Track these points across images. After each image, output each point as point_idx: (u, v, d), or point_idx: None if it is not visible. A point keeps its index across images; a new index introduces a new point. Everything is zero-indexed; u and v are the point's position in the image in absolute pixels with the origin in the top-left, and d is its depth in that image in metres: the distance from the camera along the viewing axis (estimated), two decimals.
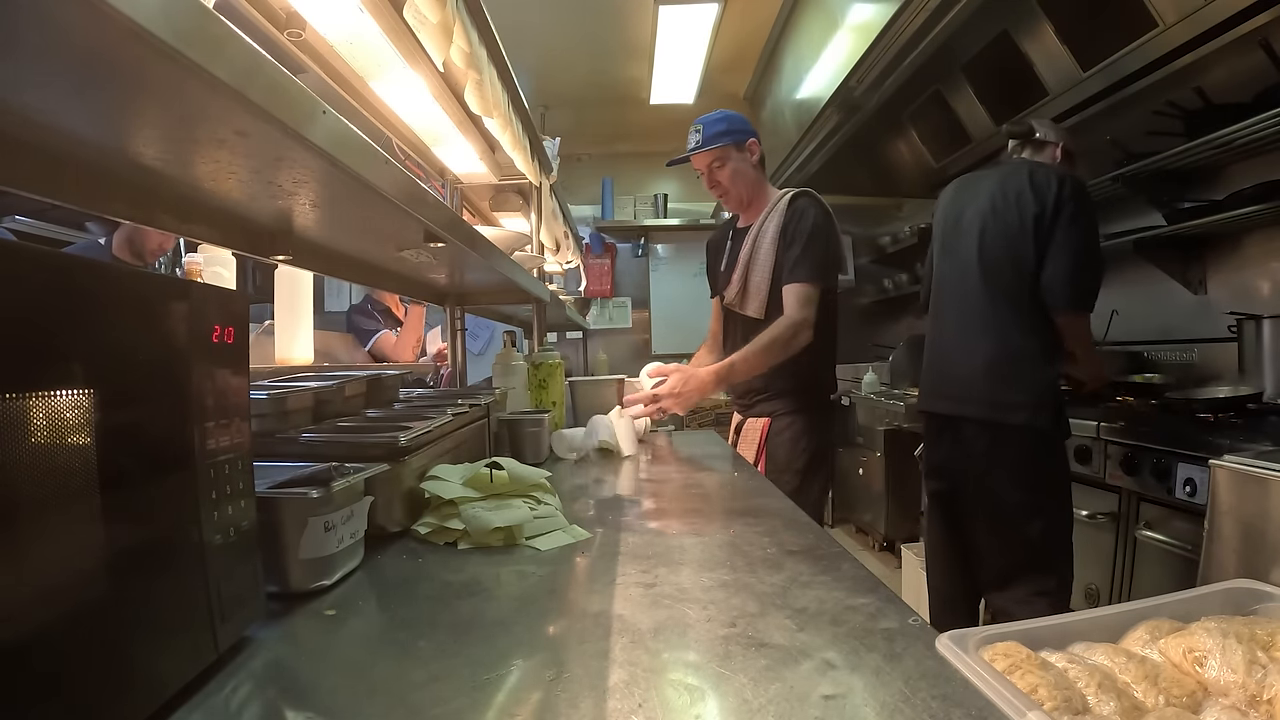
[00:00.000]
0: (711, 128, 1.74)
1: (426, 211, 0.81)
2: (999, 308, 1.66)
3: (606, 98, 4.23)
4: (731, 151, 1.74)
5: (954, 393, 1.73)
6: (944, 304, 1.82)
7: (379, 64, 1.18)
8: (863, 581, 0.68)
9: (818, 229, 1.68)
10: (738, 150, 1.75)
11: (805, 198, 1.75)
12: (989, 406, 1.63)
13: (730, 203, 1.83)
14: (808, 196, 1.75)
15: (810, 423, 1.71)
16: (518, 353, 1.70)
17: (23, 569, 0.34)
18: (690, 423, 4.47)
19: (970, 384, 1.68)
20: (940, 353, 1.83)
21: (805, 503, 1.33)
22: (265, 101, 0.46)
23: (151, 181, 0.64)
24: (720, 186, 1.78)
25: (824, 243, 1.69)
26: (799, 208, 1.72)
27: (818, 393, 1.76)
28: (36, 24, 0.34)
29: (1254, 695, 0.46)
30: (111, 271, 0.48)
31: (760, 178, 1.81)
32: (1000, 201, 1.69)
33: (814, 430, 1.71)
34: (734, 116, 1.78)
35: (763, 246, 1.72)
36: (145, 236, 2.09)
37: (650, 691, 0.48)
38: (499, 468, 0.96)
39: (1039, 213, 1.60)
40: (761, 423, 1.75)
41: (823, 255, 1.68)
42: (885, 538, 3.34)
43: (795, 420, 1.71)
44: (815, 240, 1.67)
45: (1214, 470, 1.18)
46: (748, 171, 1.77)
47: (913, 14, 2.11)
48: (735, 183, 1.77)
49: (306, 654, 0.57)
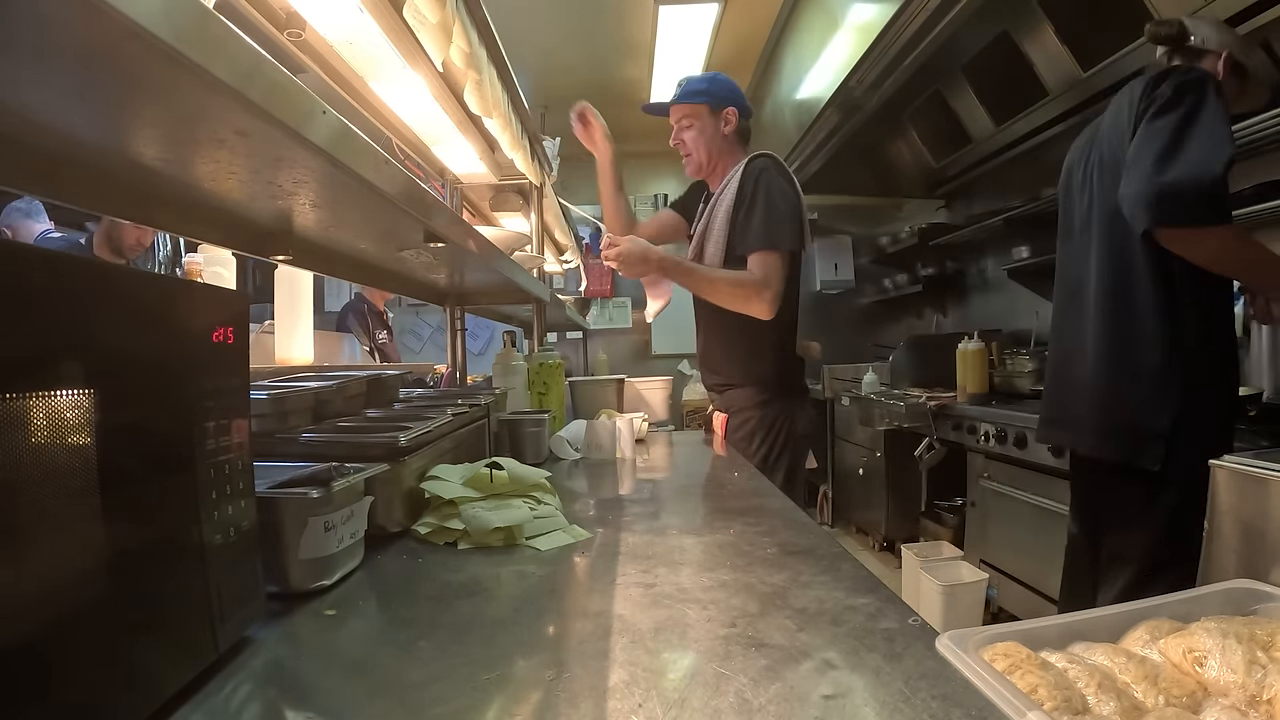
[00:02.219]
0: (692, 85, 1.70)
1: (426, 211, 0.81)
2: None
3: (606, 98, 4.21)
4: (703, 112, 1.68)
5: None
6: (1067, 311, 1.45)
7: (379, 64, 1.17)
8: (863, 581, 0.68)
9: (768, 189, 1.58)
10: (711, 113, 1.68)
11: (760, 159, 1.65)
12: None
13: (690, 166, 1.76)
14: (763, 158, 1.65)
15: (765, 418, 1.65)
16: (518, 353, 1.70)
17: (22, 569, 0.34)
18: (690, 423, 4.48)
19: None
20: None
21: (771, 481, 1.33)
22: (265, 101, 0.46)
23: (151, 181, 0.64)
24: (684, 146, 1.72)
25: (780, 202, 1.57)
26: (752, 169, 1.62)
27: (776, 385, 1.67)
28: (36, 24, 0.34)
29: (1254, 695, 0.46)
30: (111, 271, 0.48)
31: (731, 147, 1.71)
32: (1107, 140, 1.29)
33: (770, 426, 1.64)
34: (721, 80, 1.71)
35: (718, 216, 1.64)
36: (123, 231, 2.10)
37: (650, 691, 0.48)
38: (499, 468, 0.96)
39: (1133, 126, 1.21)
40: (721, 418, 1.73)
41: (776, 215, 1.56)
42: (885, 538, 3.34)
43: (750, 418, 1.66)
44: (769, 201, 1.57)
45: (1214, 470, 1.18)
46: (714, 137, 1.69)
47: (913, 14, 2.11)
48: (698, 145, 1.70)
49: (306, 654, 0.57)
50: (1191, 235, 1.14)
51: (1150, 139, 1.14)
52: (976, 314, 3.72)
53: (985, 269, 3.64)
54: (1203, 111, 1.12)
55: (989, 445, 2.34)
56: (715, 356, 1.75)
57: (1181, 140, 1.11)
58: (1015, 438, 2.19)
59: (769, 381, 1.68)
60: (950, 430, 2.61)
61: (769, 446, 1.65)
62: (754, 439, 1.65)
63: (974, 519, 2.53)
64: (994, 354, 2.69)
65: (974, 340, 2.61)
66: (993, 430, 2.32)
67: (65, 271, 0.38)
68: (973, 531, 2.54)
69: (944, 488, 2.95)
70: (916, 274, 4.02)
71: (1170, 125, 1.13)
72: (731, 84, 1.73)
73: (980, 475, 2.43)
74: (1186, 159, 1.10)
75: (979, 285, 3.73)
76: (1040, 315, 2.98)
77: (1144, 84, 1.22)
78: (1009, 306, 3.38)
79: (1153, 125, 1.15)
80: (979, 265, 3.70)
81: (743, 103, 1.72)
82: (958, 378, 2.64)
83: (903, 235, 4.04)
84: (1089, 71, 2.21)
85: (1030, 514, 2.16)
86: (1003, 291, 3.41)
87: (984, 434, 2.37)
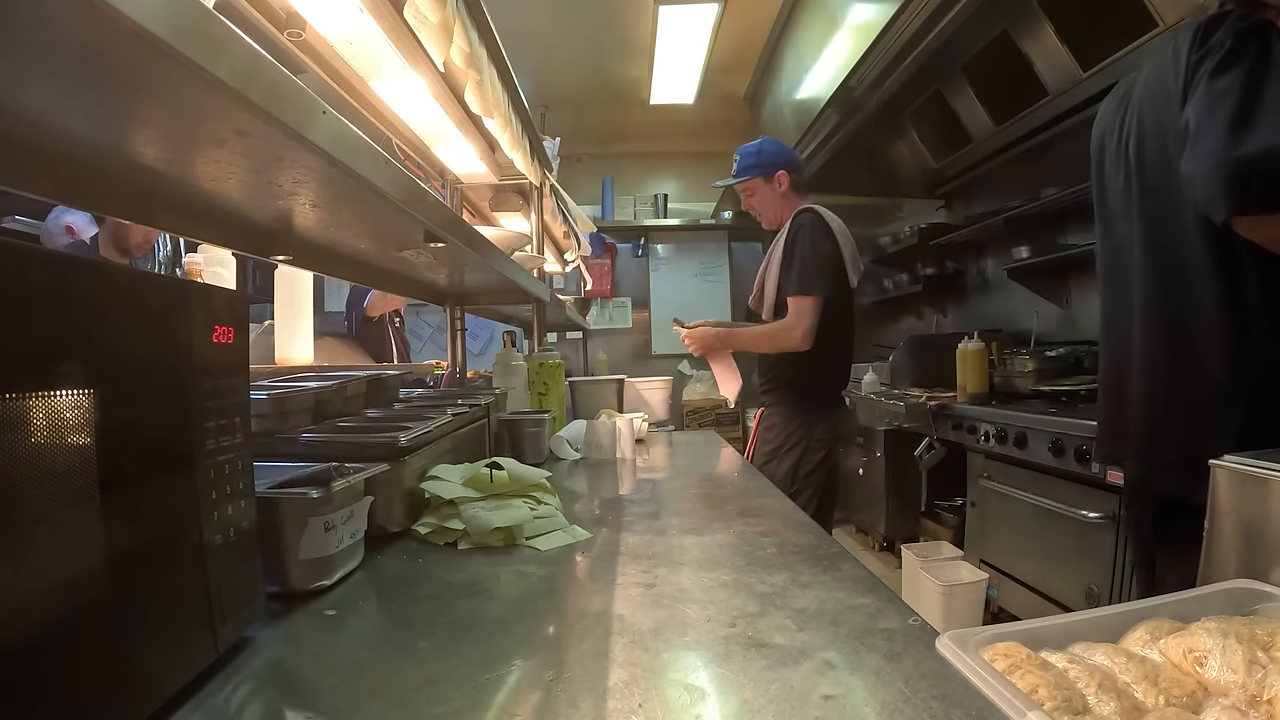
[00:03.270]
0: (744, 160, 2.04)
1: (426, 211, 0.81)
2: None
3: (606, 98, 4.23)
4: (759, 183, 2.03)
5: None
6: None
7: (379, 64, 1.17)
8: (863, 581, 0.68)
9: (803, 242, 1.89)
10: (765, 182, 2.03)
11: (804, 214, 1.95)
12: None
13: (764, 222, 2.11)
14: (806, 213, 1.95)
15: (788, 412, 1.95)
16: (518, 353, 1.70)
17: (23, 569, 0.34)
18: (690, 423, 4.48)
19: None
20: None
21: (774, 476, 1.72)
22: (265, 101, 0.46)
23: (151, 181, 0.64)
24: (754, 209, 2.10)
25: (811, 254, 1.88)
26: (795, 225, 1.93)
27: (801, 387, 1.97)
28: (36, 24, 0.34)
29: (1254, 695, 0.46)
30: (111, 271, 0.48)
31: (789, 202, 2.02)
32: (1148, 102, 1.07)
33: (791, 418, 1.94)
34: (768, 149, 2.04)
35: (774, 261, 1.96)
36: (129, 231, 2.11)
37: (650, 691, 0.48)
38: (499, 468, 0.96)
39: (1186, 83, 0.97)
40: (758, 411, 2.09)
41: (807, 266, 1.87)
42: (885, 538, 3.33)
43: (775, 410, 2.00)
44: (802, 254, 1.88)
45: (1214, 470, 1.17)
46: (774, 199, 2.04)
47: (913, 14, 2.11)
48: (764, 208, 2.07)
49: (306, 654, 0.57)
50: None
51: (1215, 102, 0.91)
52: (976, 314, 3.71)
53: (985, 269, 3.64)
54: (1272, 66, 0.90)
55: (989, 445, 2.34)
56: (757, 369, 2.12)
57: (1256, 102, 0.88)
58: (1015, 438, 2.19)
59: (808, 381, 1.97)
60: (950, 430, 2.61)
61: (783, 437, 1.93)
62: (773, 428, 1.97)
63: (974, 519, 2.53)
64: (994, 354, 2.68)
65: (974, 340, 2.60)
66: (993, 430, 2.32)
67: (65, 271, 0.38)
68: (973, 531, 2.54)
69: (944, 488, 2.95)
70: (916, 274, 4.02)
71: (1237, 83, 0.90)
72: (778, 147, 2.06)
73: (980, 475, 2.43)
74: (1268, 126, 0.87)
75: (979, 285, 3.73)
76: (1040, 315, 2.98)
77: (1192, 32, 0.99)
78: (1009, 306, 3.38)
79: (1215, 84, 0.92)
80: (979, 265, 3.70)
81: (792, 161, 2.05)
82: (958, 378, 2.64)
83: (903, 235, 4.04)
84: (1089, 71, 2.21)
85: (1030, 514, 2.16)
86: (1003, 291, 3.40)
87: (984, 434, 2.37)
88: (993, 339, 2.78)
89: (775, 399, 2.00)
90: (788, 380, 1.97)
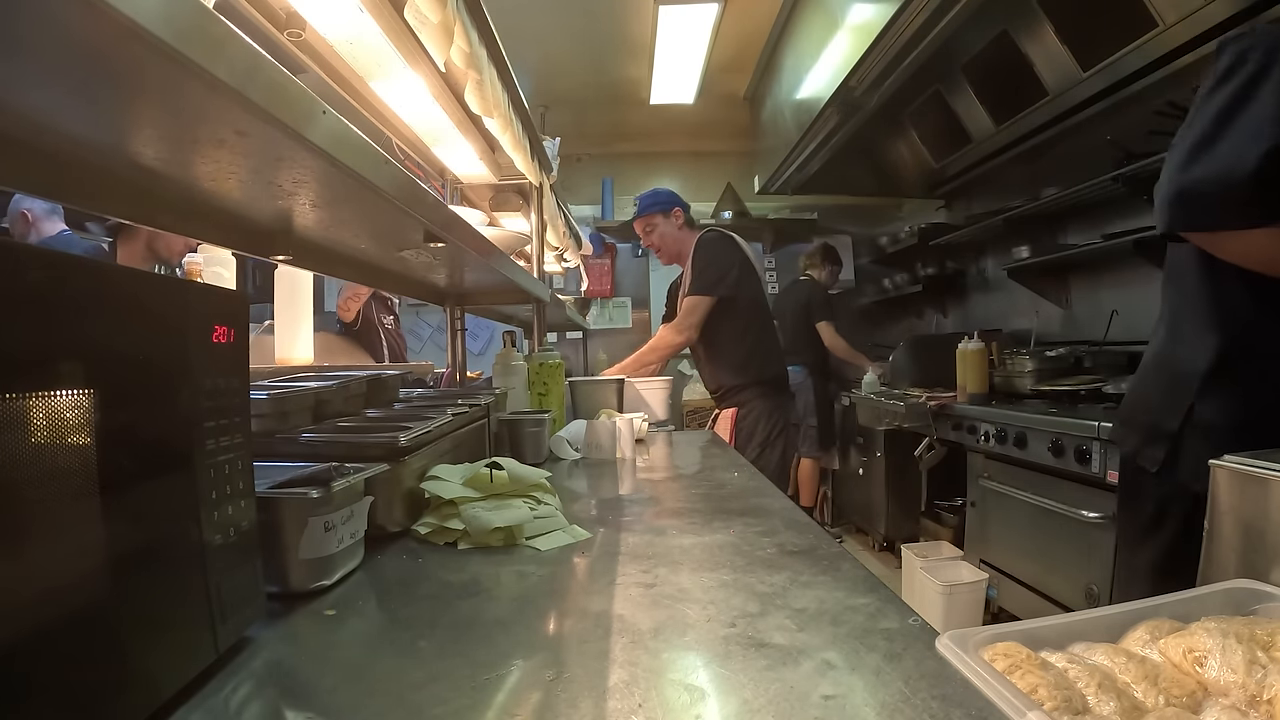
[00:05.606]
0: (645, 200, 2.40)
1: (426, 211, 0.81)
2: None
3: (606, 98, 4.23)
4: (659, 218, 2.37)
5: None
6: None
7: (379, 64, 1.17)
8: (863, 581, 0.68)
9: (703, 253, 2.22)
10: (664, 217, 2.37)
11: (708, 233, 2.30)
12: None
13: (663, 258, 2.43)
14: (710, 231, 2.31)
15: (765, 406, 2.24)
16: (518, 353, 1.70)
17: (22, 569, 0.34)
18: (690, 423, 4.47)
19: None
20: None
21: (766, 467, 1.94)
22: (265, 101, 0.46)
23: (151, 181, 0.64)
24: (654, 246, 2.42)
25: (708, 263, 2.19)
26: (699, 243, 2.27)
27: (770, 382, 2.28)
28: (36, 24, 0.34)
29: (1254, 695, 0.46)
30: (111, 271, 0.48)
31: (685, 234, 2.37)
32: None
33: (770, 412, 2.24)
34: (662, 191, 2.43)
35: (685, 281, 2.29)
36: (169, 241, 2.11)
37: (650, 691, 0.48)
38: (499, 468, 0.96)
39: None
40: (730, 412, 2.27)
41: (705, 272, 2.19)
42: (885, 538, 3.34)
43: (754, 407, 2.24)
44: (703, 262, 2.20)
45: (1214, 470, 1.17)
46: (672, 232, 2.38)
47: (913, 14, 2.11)
48: (663, 242, 2.38)
49: (306, 654, 0.57)
50: (1210, 240, 1.00)
51: (1192, 124, 0.97)
52: (976, 314, 3.72)
53: (985, 269, 3.64)
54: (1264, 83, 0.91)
55: (989, 445, 2.34)
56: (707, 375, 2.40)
57: (1225, 126, 0.93)
58: (1015, 438, 2.19)
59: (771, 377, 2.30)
60: (950, 430, 2.61)
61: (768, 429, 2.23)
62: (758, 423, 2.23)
63: (974, 519, 2.53)
64: (994, 354, 2.69)
65: (974, 340, 2.61)
66: (993, 430, 2.32)
67: (65, 271, 0.38)
68: (973, 531, 2.54)
69: (944, 488, 2.96)
70: (916, 274, 4.02)
71: (1217, 107, 0.94)
72: (670, 191, 2.45)
73: (980, 475, 2.43)
74: (1219, 153, 0.92)
75: (979, 285, 3.73)
76: (1040, 315, 2.98)
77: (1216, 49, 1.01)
78: (1009, 306, 3.38)
79: (1203, 106, 0.97)
80: (979, 265, 3.70)
81: (683, 202, 2.42)
82: (958, 378, 2.64)
83: (903, 235, 4.04)
84: (1089, 71, 2.21)
85: (1030, 514, 2.16)
86: (1003, 291, 3.41)
87: (984, 434, 2.37)
88: (993, 339, 2.78)
89: (748, 395, 2.24)
90: (753, 376, 2.25)
